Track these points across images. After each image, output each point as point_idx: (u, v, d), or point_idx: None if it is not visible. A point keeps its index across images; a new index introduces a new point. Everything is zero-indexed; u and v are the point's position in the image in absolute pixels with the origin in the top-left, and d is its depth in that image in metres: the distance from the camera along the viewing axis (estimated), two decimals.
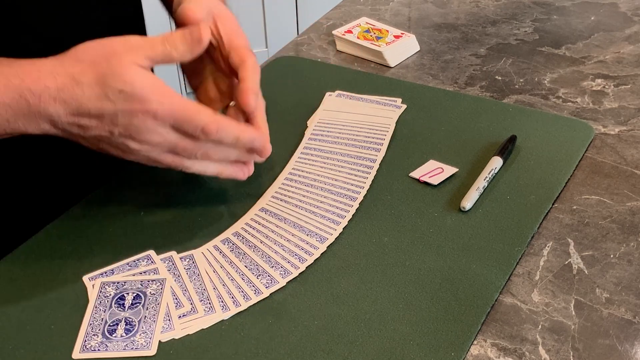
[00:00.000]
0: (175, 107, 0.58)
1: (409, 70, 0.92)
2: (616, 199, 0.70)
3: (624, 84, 0.88)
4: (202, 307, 0.60)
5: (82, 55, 0.58)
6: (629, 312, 0.59)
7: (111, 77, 0.56)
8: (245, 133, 0.62)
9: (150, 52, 0.58)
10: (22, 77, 0.56)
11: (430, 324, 0.58)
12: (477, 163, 0.74)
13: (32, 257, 0.66)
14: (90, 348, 0.57)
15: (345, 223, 0.68)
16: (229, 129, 0.61)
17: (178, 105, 0.58)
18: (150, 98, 0.57)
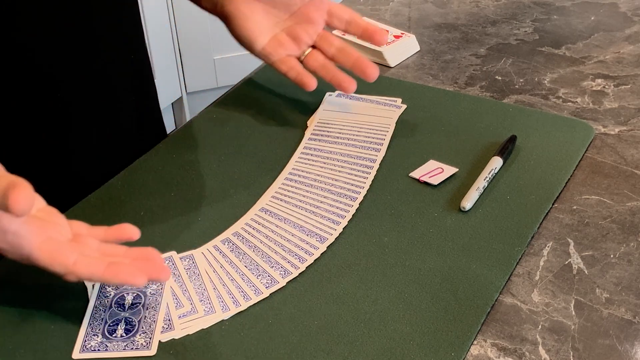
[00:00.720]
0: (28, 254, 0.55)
1: (409, 70, 0.92)
2: (616, 199, 0.70)
3: (624, 84, 0.88)
4: (202, 307, 0.60)
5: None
6: (629, 312, 0.59)
7: None
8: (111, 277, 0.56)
9: None
10: None
11: (430, 324, 0.58)
12: (477, 163, 0.74)
13: None
14: (90, 348, 0.57)
15: (345, 223, 0.68)
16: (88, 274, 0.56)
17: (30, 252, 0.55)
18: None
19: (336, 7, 0.78)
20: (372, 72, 0.77)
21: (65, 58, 0.74)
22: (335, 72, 0.78)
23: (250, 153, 0.78)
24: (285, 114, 0.83)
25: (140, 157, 0.78)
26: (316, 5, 0.77)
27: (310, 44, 0.79)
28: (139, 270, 0.56)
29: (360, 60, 0.77)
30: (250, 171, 0.75)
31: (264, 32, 0.77)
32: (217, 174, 0.75)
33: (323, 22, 0.78)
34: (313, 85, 0.77)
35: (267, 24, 0.77)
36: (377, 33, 0.77)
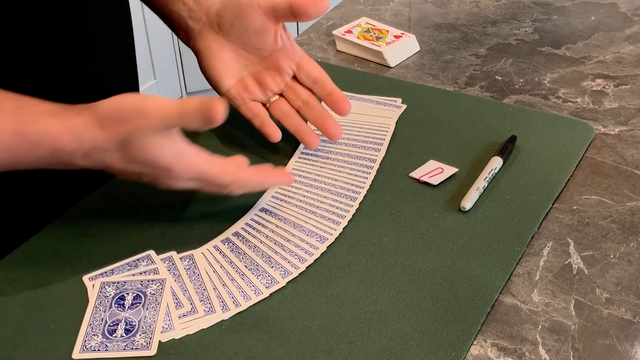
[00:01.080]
0: (199, 171, 0.63)
1: (409, 70, 0.92)
2: (616, 199, 0.70)
3: (624, 84, 0.88)
4: (202, 307, 0.60)
5: (105, 119, 0.59)
6: (629, 312, 0.59)
7: (132, 146, 0.59)
8: (270, 181, 0.69)
9: (165, 123, 0.59)
10: (54, 137, 0.59)
11: (430, 324, 0.58)
12: (477, 163, 0.74)
13: (32, 257, 0.66)
14: (90, 348, 0.57)
15: (345, 223, 0.68)
16: (249, 185, 0.66)
17: (200, 170, 0.63)
18: (173, 167, 0.61)
19: (306, 63, 0.76)
20: (335, 132, 0.74)
21: (63, 58, 0.74)
22: (298, 124, 0.75)
23: (250, 153, 0.78)
24: None
25: None
26: (287, 54, 0.75)
27: (277, 92, 0.76)
28: (279, 173, 0.68)
29: (324, 117, 0.75)
30: None
31: (231, 73, 0.74)
32: None
33: (292, 72, 0.76)
34: (277, 137, 0.74)
35: (235, 65, 0.75)
36: (341, 102, 0.74)
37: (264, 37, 0.73)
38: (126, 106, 0.59)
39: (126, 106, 0.59)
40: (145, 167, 0.61)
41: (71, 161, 0.60)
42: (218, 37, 0.74)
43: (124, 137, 0.59)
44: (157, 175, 0.62)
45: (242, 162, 0.67)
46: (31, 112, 0.60)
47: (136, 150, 0.59)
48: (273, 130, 0.74)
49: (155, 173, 0.62)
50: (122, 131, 0.58)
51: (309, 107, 0.75)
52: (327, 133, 0.75)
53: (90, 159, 0.60)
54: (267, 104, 0.76)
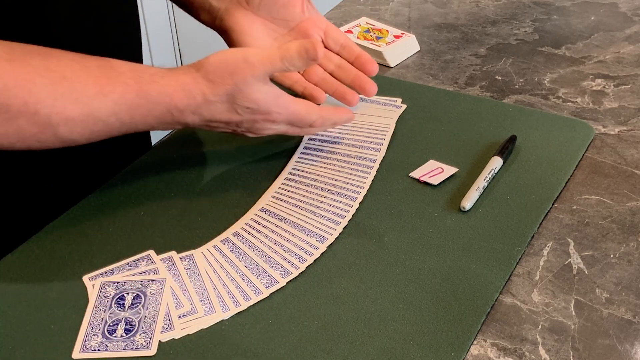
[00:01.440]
0: (291, 112, 0.69)
1: (409, 70, 0.92)
2: (616, 199, 0.70)
3: (624, 84, 0.88)
4: (202, 307, 0.60)
5: (211, 74, 0.65)
6: (629, 312, 0.59)
7: (239, 95, 0.65)
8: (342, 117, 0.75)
9: (269, 69, 0.65)
10: (170, 95, 0.64)
11: (430, 324, 0.58)
12: (477, 163, 0.74)
13: (32, 257, 0.66)
14: (90, 348, 0.57)
15: (345, 223, 0.68)
16: (329, 120, 0.73)
17: (293, 110, 0.69)
18: (271, 110, 0.67)
19: (333, 29, 0.80)
20: (371, 88, 0.78)
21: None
22: (336, 85, 0.78)
23: (250, 153, 0.78)
24: None
25: (140, 157, 0.78)
26: (314, 23, 0.79)
27: None
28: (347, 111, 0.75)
29: (358, 76, 0.78)
30: (250, 171, 0.75)
31: (262, 46, 0.77)
32: (217, 174, 0.75)
33: (320, 39, 0.79)
34: (323, 97, 0.77)
35: (266, 38, 0.78)
36: (369, 63, 0.78)
37: (292, 8, 0.78)
38: (230, 59, 0.65)
39: (230, 59, 0.65)
40: (247, 113, 0.67)
41: (182, 118, 0.66)
42: (247, 12, 0.77)
43: (231, 88, 0.64)
44: (256, 120, 0.68)
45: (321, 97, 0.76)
46: (147, 74, 0.65)
47: (241, 98, 0.65)
48: (317, 92, 0.77)
49: (254, 118, 0.67)
50: (228, 83, 0.64)
51: (342, 69, 0.79)
52: (364, 90, 0.78)
53: (199, 114, 0.66)
54: (301, 71, 0.78)
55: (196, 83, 0.65)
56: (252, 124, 0.68)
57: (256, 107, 0.66)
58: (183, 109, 0.65)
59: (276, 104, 0.67)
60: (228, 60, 0.65)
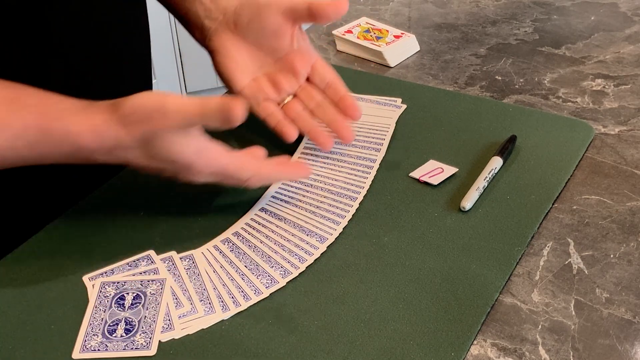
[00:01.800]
0: (219, 167, 0.64)
1: (409, 70, 0.92)
2: (616, 199, 0.70)
3: (624, 84, 0.88)
4: (202, 307, 0.60)
5: (126, 118, 0.60)
6: (629, 312, 0.59)
7: (154, 145, 0.61)
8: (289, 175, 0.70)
9: (185, 122, 0.60)
10: (77, 134, 0.60)
11: (430, 324, 0.58)
12: (477, 163, 0.74)
13: (32, 257, 0.66)
14: (90, 348, 0.57)
15: (345, 223, 0.68)
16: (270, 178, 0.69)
17: (220, 166, 0.64)
18: (193, 164, 0.63)
19: (321, 66, 0.76)
20: (347, 134, 0.74)
21: (82, 57, 0.74)
22: (312, 125, 0.74)
23: None
24: None
25: None
26: (302, 57, 0.74)
27: (290, 93, 0.75)
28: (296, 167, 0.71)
29: (336, 120, 0.74)
30: None
31: (246, 72, 0.74)
32: None
33: (306, 74, 0.75)
34: (293, 136, 0.73)
35: (250, 65, 0.74)
36: (352, 107, 0.74)
37: (281, 38, 0.73)
38: (148, 105, 0.60)
39: (148, 105, 0.60)
40: (166, 163, 0.62)
41: (93, 158, 0.62)
42: (234, 36, 0.74)
43: (146, 135, 0.60)
44: (178, 171, 0.63)
45: (260, 154, 0.68)
46: (55, 109, 0.61)
47: (157, 148, 0.61)
48: (289, 129, 0.73)
49: (177, 169, 0.63)
50: (144, 129, 0.60)
51: (322, 109, 0.75)
52: (340, 135, 0.74)
53: (113, 156, 0.62)
54: (281, 104, 0.75)
55: (109, 126, 0.60)
56: (175, 173, 0.64)
57: (174, 159, 0.62)
58: (93, 150, 0.61)
59: (199, 158, 0.62)
60: (145, 105, 0.60)
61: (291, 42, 0.74)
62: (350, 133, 0.74)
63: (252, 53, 0.74)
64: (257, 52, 0.74)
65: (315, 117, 0.75)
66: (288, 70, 0.74)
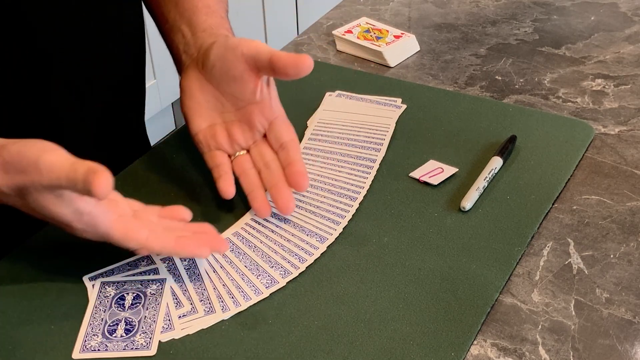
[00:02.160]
0: (101, 233, 0.60)
1: (409, 70, 0.92)
2: (616, 199, 0.70)
3: (624, 84, 0.88)
4: (202, 307, 0.60)
5: (7, 165, 0.57)
6: (629, 312, 0.59)
7: (31, 199, 0.58)
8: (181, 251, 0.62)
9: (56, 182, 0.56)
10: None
11: (430, 324, 0.58)
12: (477, 163, 0.74)
13: (32, 257, 0.66)
14: (90, 348, 0.57)
15: (345, 223, 0.68)
16: (163, 252, 0.62)
17: (103, 232, 0.60)
18: (72, 224, 0.59)
19: (279, 124, 0.71)
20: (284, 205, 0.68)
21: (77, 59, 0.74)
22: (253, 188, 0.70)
23: None
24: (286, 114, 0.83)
25: (140, 157, 0.78)
26: (262, 111, 0.70)
27: (244, 147, 0.72)
28: (203, 242, 0.63)
29: (277, 187, 0.69)
30: None
31: (204, 117, 0.71)
32: None
33: (263, 130, 0.71)
34: (229, 194, 0.69)
35: (210, 109, 0.71)
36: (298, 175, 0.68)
37: (243, 86, 0.69)
38: (27, 155, 0.57)
39: (27, 155, 0.57)
40: (46, 218, 0.60)
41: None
42: (201, 76, 0.71)
43: (20, 187, 0.57)
44: (62, 226, 0.60)
45: (180, 215, 0.65)
46: None
47: (34, 201, 0.58)
48: (227, 187, 0.69)
49: (57, 225, 0.60)
50: (19, 180, 0.57)
51: (268, 172, 0.70)
52: (277, 204, 0.68)
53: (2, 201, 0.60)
54: (232, 157, 0.72)
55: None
56: (62, 226, 0.60)
57: (51, 216, 0.59)
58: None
59: (78, 219, 0.59)
60: (25, 154, 0.57)
61: (253, 93, 0.69)
62: (288, 204, 0.68)
63: (215, 97, 0.71)
64: (221, 97, 0.71)
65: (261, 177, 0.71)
66: (246, 122, 0.71)
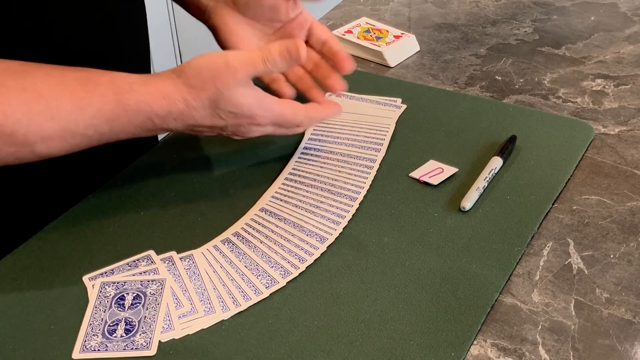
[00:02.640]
0: (276, 115, 0.68)
1: (409, 70, 0.92)
2: (616, 199, 0.70)
3: (624, 84, 0.88)
4: (202, 307, 0.60)
5: (193, 80, 0.64)
6: (629, 312, 0.59)
7: (221, 100, 0.65)
8: (329, 113, 0.74)
9: (252, 71, 0.65)
10: (149, 103, 0.64)
11: (430, 324, 0.58)
12: (477, 163, 0.74)
13: (32, 257, 0.66)
14: (90, 348, 0.57)
15: (345, 223, 0.68)
16: (316, 118, 0.73)
17: (278, 112, 0.68)
18: (255, 113, 0.67)
19: (316, 27, 0.80)
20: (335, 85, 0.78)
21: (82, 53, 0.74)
22: (308, 84, 0.79)
23: (250, 153, 0.78)
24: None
25: (140, 157, 0.78)
26: (299, 24, 0.79)
27: None
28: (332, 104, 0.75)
29: (328, 76, 0.78)
30: (250, 171, 0.75)
31: (249, 44, 0.78)
32: (217, 174, 0.75)
33: (304, 39, 0.80)
34: (290, 95, 0.77)
35: (251, 38, 0.78)
36: (345, 61, 0.78)
37: (277, 11, 0.78)
38: (212, 64, 0.64)
39: (212, 64, 0.64)
40: (230, 118, 0.66)
41: (164, 124, 0.65)
42: (234, 12, 0.78)
43: (213, 93, 0.64)
44: (240, 124, 0.67)
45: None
46: (125, 84, 0.64)
47: (224, 103, 0.65)
48: (287, 90, 0.77)
49: (239, 122, 0.67)
50: (212, 87, 0.64)
51: (318, 68, 0.79)
52: (331, 87, 0.78)
53: (181, 120, 0.65)
54: (285, 72, 0.79)
55: (177, 90, 0.64)
56: (237, 127, 0.68)
57: (239, 112, 0.66)
58: (164, 116, 0.64)
59: (260, 106, 0.67)
60: (209, 64, 0.64)
61: (287, 13, 0.78)
62: (339, 83, 0.78)
63: (252, 26, 0.78)
64: (257, 25, 0.79)
65: (312, 76, 0.79)
66: (287, 37, 0.78)
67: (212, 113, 0.65)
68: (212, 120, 0.66)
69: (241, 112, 0.66)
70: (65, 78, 0.63)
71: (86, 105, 0.62)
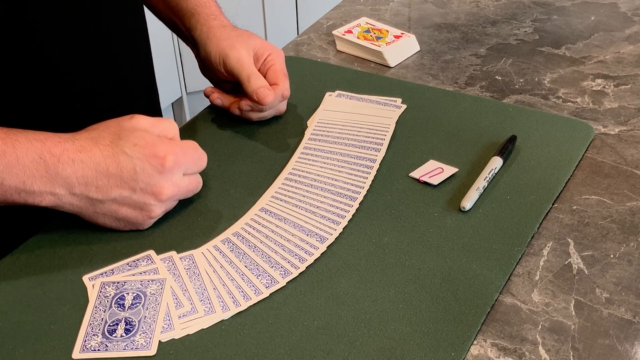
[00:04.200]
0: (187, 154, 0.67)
1: (409, 70, 0.92)
2: (616, 199, 0.70)
3: (624, 84, 0.88)
4: (202, 307, 0.60)
5: (95, 126, 0.65)
6: (629, 312, 0.59)
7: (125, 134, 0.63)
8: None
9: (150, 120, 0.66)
10: (43, 140, 0.61)
11: (430, 324, 0.58)
12: (477, 163, 0.74)
13: (32, 257, 0.66)
14: (90, 348, 0.57)
15: (345, 223, 0.68)
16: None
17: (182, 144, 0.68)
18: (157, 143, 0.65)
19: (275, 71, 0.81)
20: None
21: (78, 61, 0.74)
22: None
23: (250, 153, 0.78)
24: (285, 114, 0.83)
25: None
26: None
27: None
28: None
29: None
30: (250, 171, 0.75)
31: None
32: (217, 174, 0.75)
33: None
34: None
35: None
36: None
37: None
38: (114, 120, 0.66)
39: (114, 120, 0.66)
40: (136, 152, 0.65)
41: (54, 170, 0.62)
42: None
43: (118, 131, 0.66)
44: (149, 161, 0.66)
45: None
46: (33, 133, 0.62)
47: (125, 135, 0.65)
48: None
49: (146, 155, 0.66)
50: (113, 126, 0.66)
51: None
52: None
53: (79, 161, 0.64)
54: None
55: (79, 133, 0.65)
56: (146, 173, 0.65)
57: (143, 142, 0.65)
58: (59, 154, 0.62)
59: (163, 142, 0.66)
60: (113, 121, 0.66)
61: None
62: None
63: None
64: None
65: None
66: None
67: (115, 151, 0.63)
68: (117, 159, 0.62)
69: (144, 142, 0.64)
70: None
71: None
